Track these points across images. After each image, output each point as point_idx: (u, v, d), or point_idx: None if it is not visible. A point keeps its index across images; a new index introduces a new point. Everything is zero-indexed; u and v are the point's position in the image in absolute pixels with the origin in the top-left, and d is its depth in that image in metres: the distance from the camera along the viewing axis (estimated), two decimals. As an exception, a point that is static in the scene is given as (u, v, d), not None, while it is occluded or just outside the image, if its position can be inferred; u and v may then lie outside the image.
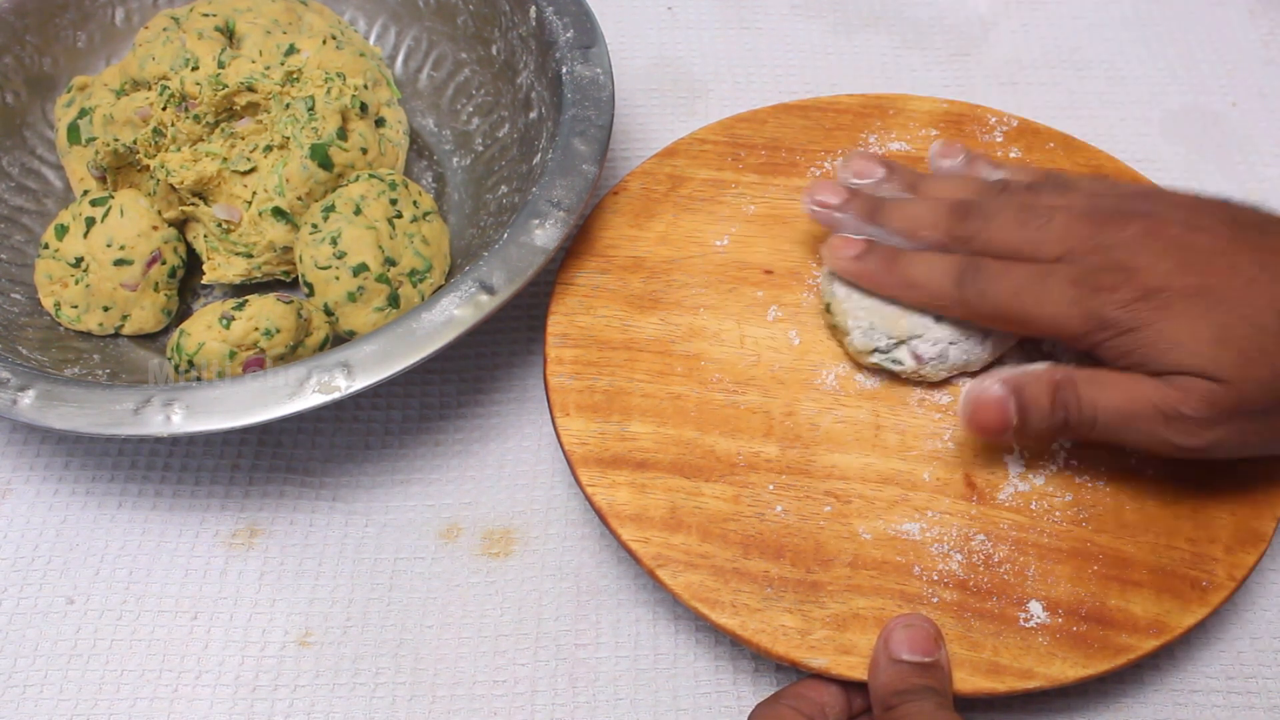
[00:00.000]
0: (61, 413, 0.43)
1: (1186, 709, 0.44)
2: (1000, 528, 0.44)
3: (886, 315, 0.46)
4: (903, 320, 0.46)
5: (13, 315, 0.51)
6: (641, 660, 0.45)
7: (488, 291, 0.45)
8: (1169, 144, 0.61)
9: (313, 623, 0.46)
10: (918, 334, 0.46)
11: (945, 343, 0.46)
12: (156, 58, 0.53)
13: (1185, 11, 0.67)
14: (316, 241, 0.49)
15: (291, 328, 0.48)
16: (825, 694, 0.41)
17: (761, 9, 0.68)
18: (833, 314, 0.48)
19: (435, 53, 0.60)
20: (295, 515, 0.49)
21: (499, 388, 0.53)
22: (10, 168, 0.56)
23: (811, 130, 0.56)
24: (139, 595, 0.47)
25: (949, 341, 0.46)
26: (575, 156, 0.49)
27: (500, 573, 0.47)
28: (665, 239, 0.52)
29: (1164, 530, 0.44)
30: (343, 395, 0.43)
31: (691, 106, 0.63)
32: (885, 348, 0.47)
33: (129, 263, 0.50)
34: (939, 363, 0.46)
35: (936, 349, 0.46)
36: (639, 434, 0.46)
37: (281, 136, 0.51)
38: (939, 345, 0.46)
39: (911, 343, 0.46)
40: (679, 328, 0.49)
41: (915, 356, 0.46)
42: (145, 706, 0.44)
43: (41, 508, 0.49)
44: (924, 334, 0.46)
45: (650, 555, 0.43)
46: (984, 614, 0.42)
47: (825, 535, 0.44)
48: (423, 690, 0.44)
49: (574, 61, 0.52)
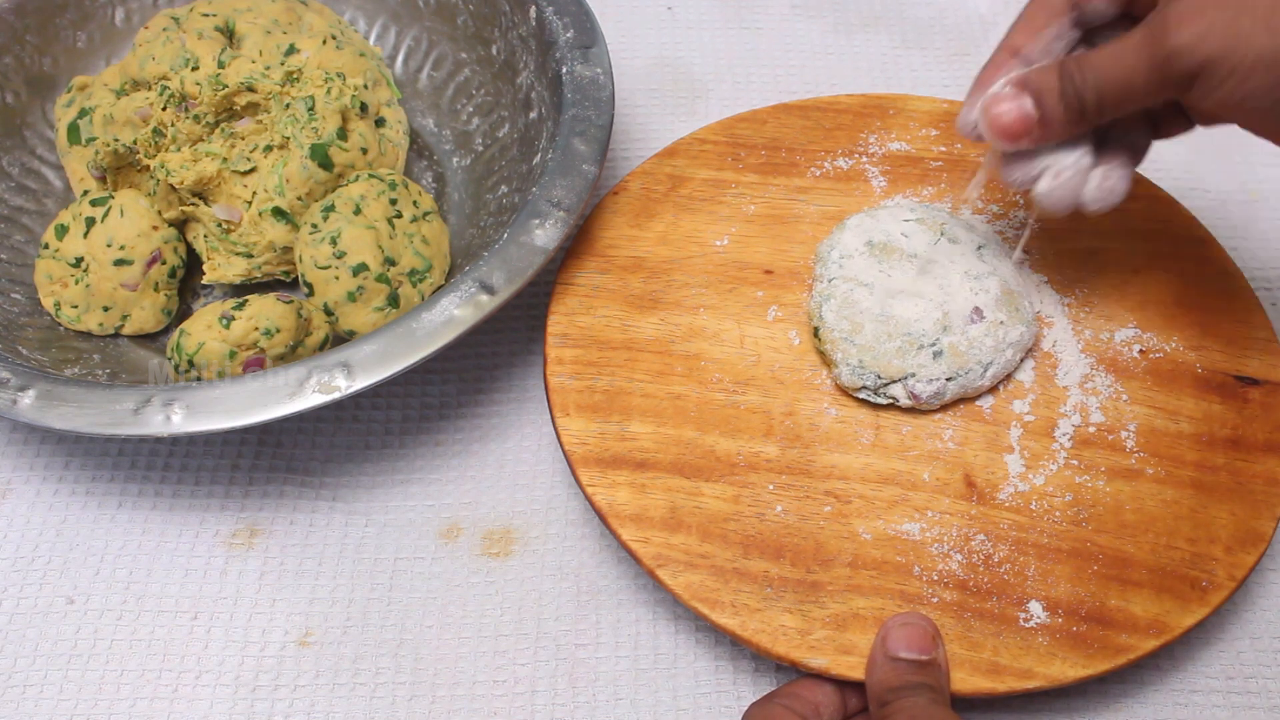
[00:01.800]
0: (61, 413, 0.43)
1: (1186, 709, 0.44)
2: (1000, 528, 0.44)
3: (878, 355, 0.46)
4: (894, 360, 0.46)
5: (13, 315, 0.51)
6: (641, 660, 0.45)
7: (488, 291, 0.45)
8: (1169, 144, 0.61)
9: (313, 623, 0.46)
10: (911, 373, 0.46)
11: (941, 379, 0.46)
12: (156, 58, 0.53)
13: (1185, 11, 0.67)
14: (316, 241, 0.49)
15: (291, 328, 0.48)
16: (820, 693, 0.41)
17: (761, 9, 0.68)
18: (820, 341, 0.48)
19: (435, 53, 0.60)
20: (295, 515, 0.49)
21: (499, 388, 0.53)
22: (10, 168, 0.56)
23: (811, 130, 0.56)
24: (139, 595, 0.47)
25: (945, 378, 0.46)
26: (575, 156, 0.49)
27: (500, 573, 0.47)
28: (665, 239, 0.52)
29: (1164, 530, 0.44)
30: (343, 395, 0.43)
31: (691, 106, 0.63)
32: (874, 386, 0.46)
33: (129, 263, 0.50)
34: (936, 398, 0.46)
35: (932, 387, 0.46)
36: (639, 434, 0.46)
37: (281, 136, 0.51)
38: (935, 384, 0.46)
39: (907, 381, 0.46)
40: (679, 328, 0.49)
41: (911, 394, 0.46)
42: (145, 706, 0.44)
43: (41, 508, 0.49)
44: (918, 372, 0.46)
45: (650, 555, 0.43)
46: (984, 614, 0.42)
47: (825, 535, 0.44)
48: (423, 690, 0.44)
49: (574, 61, 0.52)
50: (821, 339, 0.47)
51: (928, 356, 0.46)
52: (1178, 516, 0.44)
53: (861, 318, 0.47)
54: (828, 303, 0.48)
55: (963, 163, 0.55)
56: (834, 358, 0.47)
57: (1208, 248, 0.52)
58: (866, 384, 0.46)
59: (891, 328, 0.46)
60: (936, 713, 0.38)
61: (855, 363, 0.46)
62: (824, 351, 0.47)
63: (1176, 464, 0.46)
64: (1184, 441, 0.46)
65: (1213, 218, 0.56)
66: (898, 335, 0.46)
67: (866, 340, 0.46)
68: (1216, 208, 0.58)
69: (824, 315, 0.47)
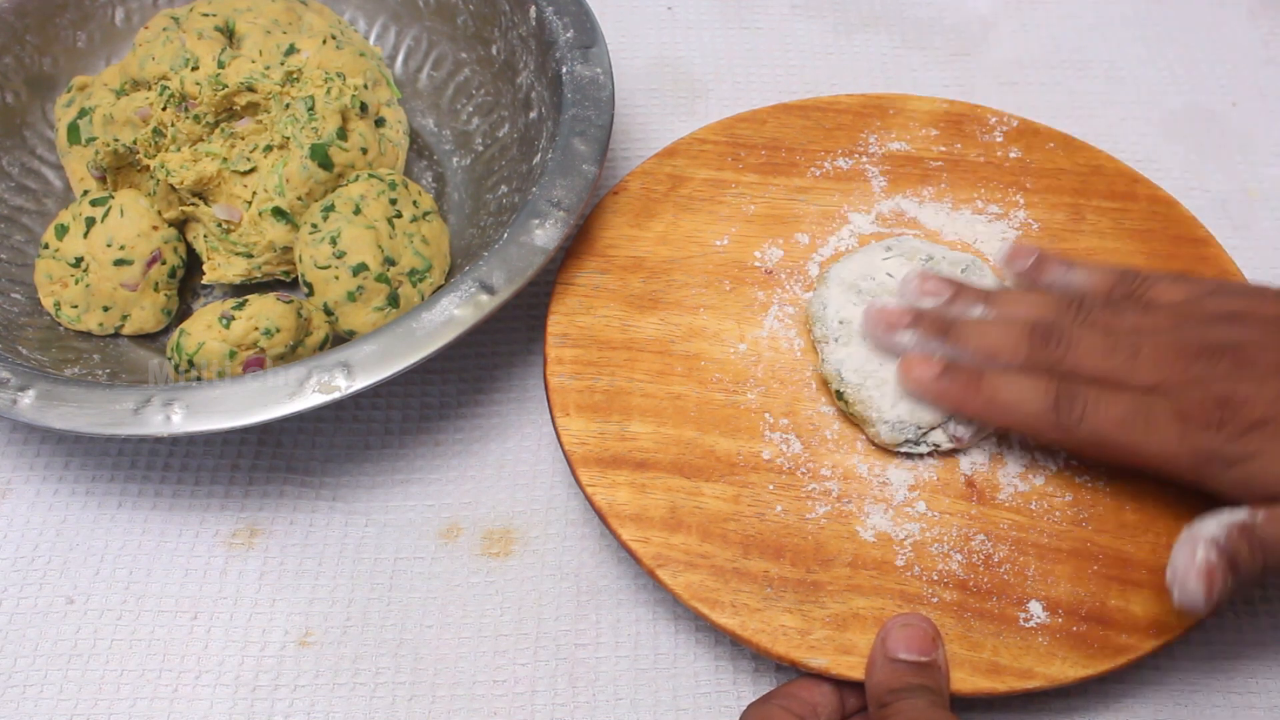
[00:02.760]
0: (61, 413, 0.43)
1: (1186, 709, 0.44)
2: (1000, 528, 0.44)
3: (913, 406, 0.44)
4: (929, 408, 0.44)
5: (13, 315, 0.51)
6: (641, 660, 0.45)
7: (488, 291, 0.45)
8: (1169, 144, 0.61)
9: (313, 623, 0.46)
10: (949, 414, 0.44)
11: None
12: (156, 58, 0.53)
13: (1185, 11, 0.68)
14: (316, 241, 0.49)
15: (291, 327, 0.48)
16: (817, 693, 0.41)
17: (761, 9, 0.68)
18: (848, 404, 0.46)
19: (435, 53, 0.60)
20: (295, 515, 0.49)
21: (499, 388, 0.53)
22: (10, 168, 0.56)
23: (811, 130, 0.56)
24: (139, 595, 0.47)
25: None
26: (575, 156, 0.49)
27: (500, 573, 0.47)
28: (665, 239, 0.52)
29: (1164, 530, 0.44)
30: (343, 395, 0.43)
31: (691, 106, 0.63)
32: (915, 437, 0.45)
33: (129, 263, 0.50)
34: (978, 434, 0.45)
35: (970, 428, 0.45)
36: (639, 434, 0.46)
37: (281, 136, 0.51)
38: (971, 425, 0.45)
39: (948, 425, 0.45)
40: (679, 328, 0.49)
41: (954, 438, 0.45)
42: (145, 706, 0.44)
43: (41, 508, 0.49)
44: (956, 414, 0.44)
45: (650, 555, 0.43)
46: (984, 614, 0.42)
47: (825, 535, 0.44)
48: (423, 690, 0.44)
49: (574, 61, 0.52)
50: (849, 402, 0.45)
51: None
52: (1178, 516, 0.44)
53: (883, 372, 0.45)
54: (844, 366, 0.46)
55: (963, 163, 0.55)
56: (868, 418, 0.45)
57: (1208, 248, 0.52)
58: (908, 437, 0.45)
59: None
60: (935, 715, 0.38)
61: (893, 419, 0.45)
62: (854, 414, 0.46)
63: (1176, 464, 0.46)
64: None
65: (1213, 218, 0.56)
66: None
67: (896, 394, 0.45)
68: (1216, 208, 0.58)
69: (845, 379, 0.45)
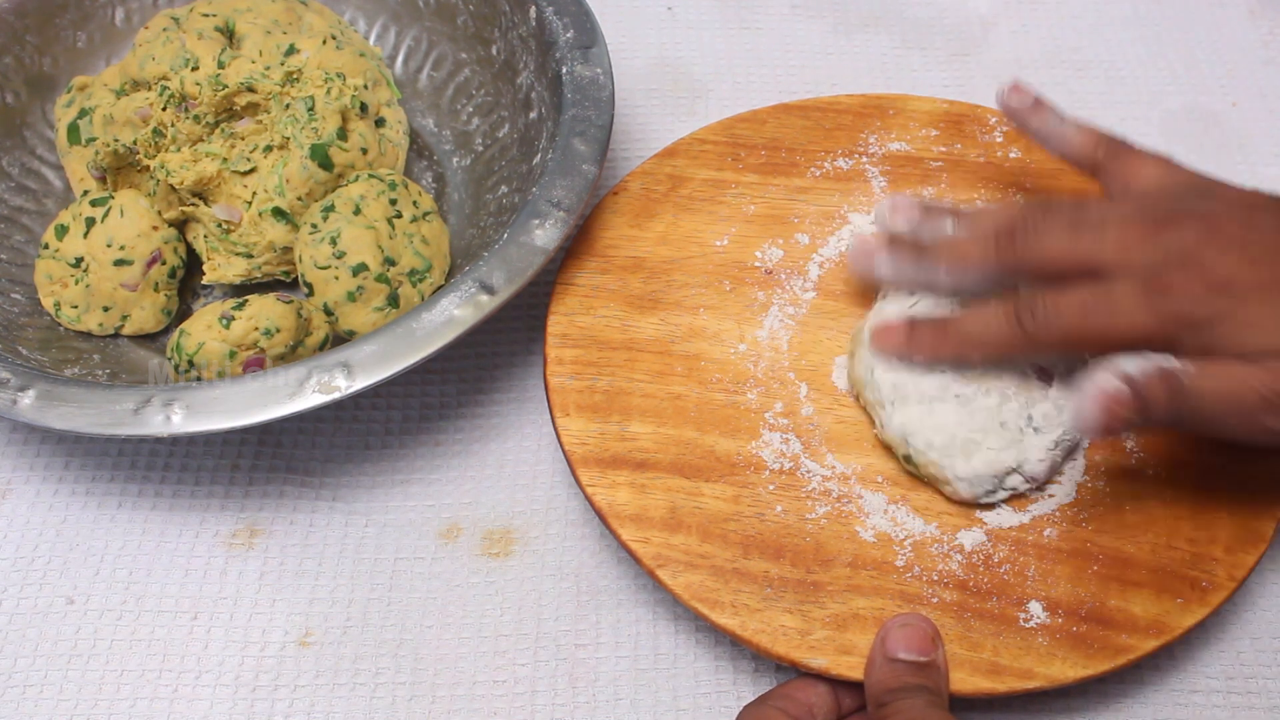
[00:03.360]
0: (61, 413, 0.43)
1: (1186, 709, 0.44)
2: (1000, 528, 0.44)
3: (989, 459, 0.43)
4: (1003, 456, 0.44)
5: (13, 315, 0.51)
6: (641, 660, 0.45)
7: (488, 291, 0.45)
8: (1169, 144, 0.61)
9: (313, 623, 0.46)
10: (1023, 459, 0.44)
11: (1051, 451, 0.44)
12: (156, 58, 0.53)
13: (1185, 11, 0.68)
14: (316, 241, 0.49)
15: (291, 328, 0.48)
16: (813, 694, 0.41)
17: (761, 9, 0.68)
18: (920, 468, 0.45)
19: (435, 53, 0.60)
20: (295, 515, 0.49)
21: (499, 388, 0.53)
22: (10, 168, 0.56)
23: (811, 130, 0.56)
24: (139, 595, 0.47)
25: (1047, 449, 0.44)
26: (575, 156, 0.49)
27: (500, 573, 0.47)
28: (665, 239, 0.52)
29: (1164, 530, 0.44)
30: (343, 395, 0.43)
31: (691, 106, 0.63)
32: (994, 487, 0.44)
33: (129, 263, 0.50)
34: (1052, 471, 0.45)
35: (1044, 464, 0.44)
36: (639, 434, 0.46)
37: (281, 136, 0.51)
38: (1046, 459, 0.44)
39: (1022, 468, 0.44)
40: (679, 328, 0.49)
41: (1030, 479, 0.44)
42: (145, 706, 0.44)
43: (41, 508, 0.49)
44: (1029, 455, 0.44)
45: (650, 555, 0.43)
46: (984, 614, 0.42)
47: (825, 535, 0.44)
48: (423, 690, 0.44)
49: (574, 61, 0.52)
50: (920, 466, 0.44)
51: (1031, 435, 0.44)
52: (1178, 516, 0.44)
53: (953, 429, 0.44)
54: (908, 430, 0.44)
55: (963, 163, 0.55)
56: (945, 477, 0.44)
57: (1208, 248, 0.52)
58: (987, 489, 0.44)
59: (982, 422, 0.44)
60: (934, 715, 0.38)
61: (969, 476, 0.44)
62: (928, 475, 0.45)
63: (1176, 464, 0.45)
64: (1184, 441, 0.46)
65: (1213, 218, 0.55)
66: (992, 429, 0.44)
67: (968, 449, 0.44)
68: (1216, 208, 0.58)
69: (913, 444, 0.44)
